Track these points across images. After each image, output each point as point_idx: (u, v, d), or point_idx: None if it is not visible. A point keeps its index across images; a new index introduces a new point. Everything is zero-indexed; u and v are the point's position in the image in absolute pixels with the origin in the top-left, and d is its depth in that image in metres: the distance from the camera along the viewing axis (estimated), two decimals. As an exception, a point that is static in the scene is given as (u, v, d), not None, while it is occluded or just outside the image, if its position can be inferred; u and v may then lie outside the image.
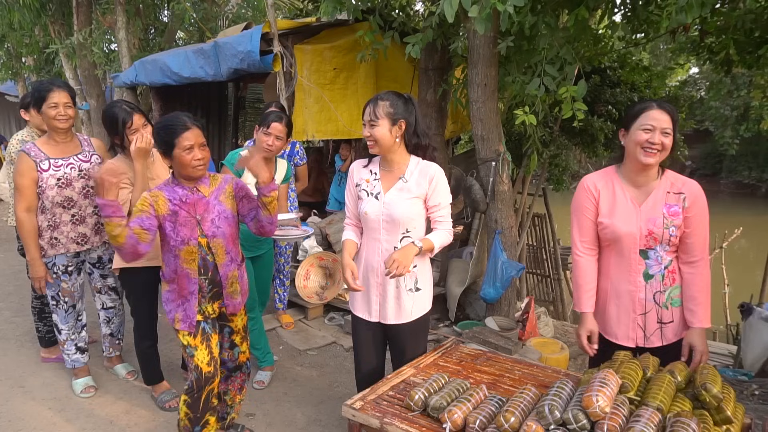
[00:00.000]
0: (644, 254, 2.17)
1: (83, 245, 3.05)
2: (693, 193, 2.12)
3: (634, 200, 2.17)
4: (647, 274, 2.18)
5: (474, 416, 1.73)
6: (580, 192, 2.28)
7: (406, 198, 2.27)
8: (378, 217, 2.30)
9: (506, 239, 4.31)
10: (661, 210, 2.12)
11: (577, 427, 1.53)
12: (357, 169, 2.43)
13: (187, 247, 2.30)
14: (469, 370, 2.25)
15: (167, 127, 2.22)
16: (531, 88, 3.72)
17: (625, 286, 2.22)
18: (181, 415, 2.38)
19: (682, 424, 1.48)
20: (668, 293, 2.19)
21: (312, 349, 4.03)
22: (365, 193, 2.36)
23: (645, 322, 2.22)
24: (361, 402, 1.96)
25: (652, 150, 2.06)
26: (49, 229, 2.93)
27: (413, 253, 2.19)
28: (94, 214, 3.06)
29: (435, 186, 2.27)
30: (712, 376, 1.74)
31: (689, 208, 2.11)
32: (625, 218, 2.16)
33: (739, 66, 4.62)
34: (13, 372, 3.44)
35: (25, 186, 2.83)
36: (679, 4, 2.76)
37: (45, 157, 2.88)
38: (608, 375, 1.65)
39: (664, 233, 2.11)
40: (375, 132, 2.21)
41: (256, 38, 4.32)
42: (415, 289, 2.35)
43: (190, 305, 2.35)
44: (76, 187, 2.96)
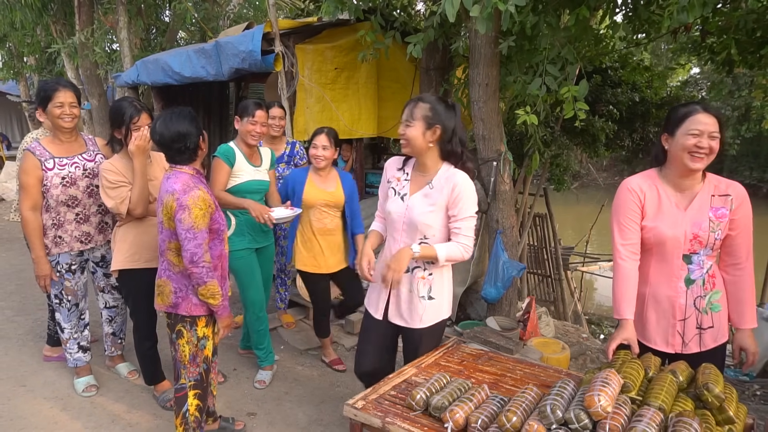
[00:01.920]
0: (688, 259, 2.12)
1: (87, 244, 3.05)
2: (739, 195, 2.10)
3: (679, 204, 2.12)
4: (689, 279, 2.13)
5: (476, 416, 1.73)
6: (624, 194, 2.18)
7: (427, 204, 2.26)
8: (400, 218, 2.32)
9: (507, 239, 4.31)
10: (707, 213, 2.08)
11: (579, 426, 1.53)
12: (391, 167, 2.43)
13: (225, 228, 2.50)
14: (470, 369, 2.25)
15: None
16: (532, 88, 3.72)
17: (665, 291, 2.16)
18: (191, 409, 2.41)
19: (685, 423, 1.48)
20: (708, 298, 2.13)
21: (313, 349, 4.03)
22: (393, 191, 2.37)
23: (684, 328, 2.16)
24: (362, 401, 1.96)
25: (700, 154, 2.01)
26: (54, 227, 2.94)
27: (407, 257, 2.19)
28: (98, 212, 3.07)
29: (457, 195, 2.21)
30: (714, 376, 1.74)
31: (736, 210, 2.08)
32: (670, 222, 2.11)
33: (741, 66, 4.61)
34: (14, 371, 3.44)
35: (31, 185, 2.83)
36: (681, 4, 2.76)
37: (50, 156, 2.88)
38: (610, 375, 1.65)
39: (710, 237, 2.07)
40: (408, 132, 2.21)
41: (257, 38, 4.32)
42: (428, 297, 2.32)
43: (227, 283, 2.55)
44: (80, 186, 2.96)
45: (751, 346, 2.13)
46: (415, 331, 2.37)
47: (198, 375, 2.43)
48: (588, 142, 6.50)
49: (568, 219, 14.97)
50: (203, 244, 2.27)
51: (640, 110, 6.43)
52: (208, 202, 2.31)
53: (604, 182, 20.43)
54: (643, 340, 2.23)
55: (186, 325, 2.41)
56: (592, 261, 10.06)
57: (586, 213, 14.81)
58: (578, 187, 21.69)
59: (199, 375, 2.44)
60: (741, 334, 2.14)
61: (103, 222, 3.10)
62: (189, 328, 2.42)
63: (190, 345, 2.43)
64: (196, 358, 2.43)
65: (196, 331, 2.42)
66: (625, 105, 6.22)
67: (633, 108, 6.36)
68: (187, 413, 2.42)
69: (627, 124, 6.53)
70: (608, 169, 21.93)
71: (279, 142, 4.03)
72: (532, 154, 5.11)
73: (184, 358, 2.43)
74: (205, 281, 2.29)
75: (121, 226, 2.91)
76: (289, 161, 4.04)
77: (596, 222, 9.84)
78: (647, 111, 6.48)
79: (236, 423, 2.90)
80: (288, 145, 4.07)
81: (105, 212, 3.11)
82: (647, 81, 6.53)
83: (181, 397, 2.43)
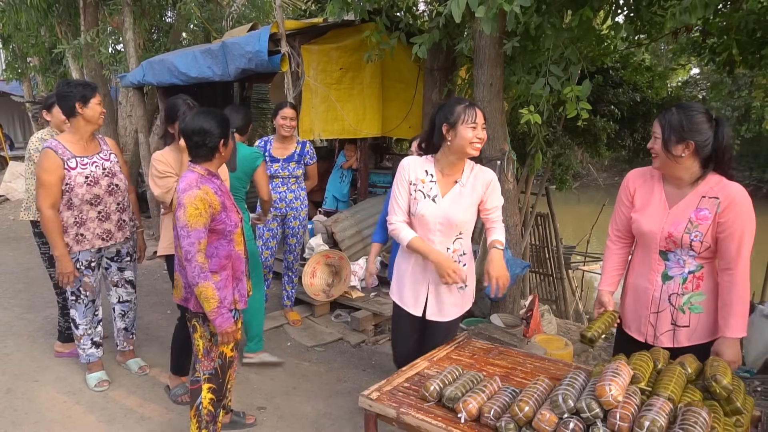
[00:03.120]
0: (664, 255, 2.17)
1: (108, 241, 3.12)
2: (728, 198, 2.03)
3: (669, 200, 2.17)
4: (666, 275, 2.18)
5: (488, 406, 1.78)
6: (622, 184, 2.36)
7: (463, 203, 2.42)
8: (435, 220, 2.41)
9: (511, 237, 4.36)
10: (689, 214, 2.09)
11: (590, 415, 1.58)
12: (412, 167, 2.46)
13: (238, 229, 2.46)
14: (482, 363, 2.30)
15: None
16: (536, 88, 3.77)
17: (643, 282, 2.25)
18: (204, 402, 2.44)
19: (693, 413, 1.53)
20: (687, 297, 2.15)
21: (319, 346, 4.07)
22: (421, 194, 2.43)
23: (656, 321, 2.22)
24: (377, 393, 2.00)
25: (652, 154, 2.17)
26: (76, 225, 2.98)
27: (502, 258, 2.38)
28: (117, 210, 3.14)
29: (491, 191, 2.43)
30: (723, 368, 1.78)
31: (722, 213, 2.03)
32: (652, 217, 2.18)
33: (742, 66, 4.66)
34: (27, 366, 3.49)
35: (52, 183, 2.87)
36: (683, 5, 2.81)
37: (71, 156, 2.94)
38: (620, 366, 1.69)
39: (684, 237, 2.08)
40: (484, 135, 2.34)
41: (264, 39, 4.37)
42: (464, 286, 2.52)
43: (243, 284, 2.53)
44: (102, 185, 3.04)
45: (729, 354, 2.01)
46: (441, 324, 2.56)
47: (212, 369, 2.47)
48: (590, 141, 6.56)
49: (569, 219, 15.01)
50: (196, 243, 2.25)
51: (642, 110, 6.49)
52: (207, 202, 2.28)
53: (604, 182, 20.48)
54: (624, 326, 2.36)
55: (199, 320, 2.45)
56: (593, 260, 10.11)
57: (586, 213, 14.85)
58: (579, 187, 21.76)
59: (214, 369, 2.47)
60: (722, 341, 2.06)
61: (121, 220, 3.17)
62: (202, 323, 2.45)
63: (204, 340, 2.47)
64: (210, 353, 2.46)
65: (209, 326, 2.45)
66: (626, 105, 6.28)
67: (634, 108, 6.42)
68: (200, 406, 2.46)
69: (628, 124, 6.59)
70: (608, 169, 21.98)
71: (290, 142, 4.08)
72: (534, 153, 5.16)
73: (199, 352, 2.47)
74: (197, 281, 2.26)
75: (166, 215, 3.00)
76: (299, 160, 4.09)
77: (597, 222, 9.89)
78: (648, 111, 6.54)
79: (247, 417, 2.95)
80: (298, 145, 4.12)
81: (123, 210, 3.17)
82: (648, 81, 6.59)
83: (196, 390, 2.47)
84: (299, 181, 4.16)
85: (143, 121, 7.08)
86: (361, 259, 5.10)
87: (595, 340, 2.15)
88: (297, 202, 4.14)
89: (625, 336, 2.36)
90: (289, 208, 4.13)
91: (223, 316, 2.32)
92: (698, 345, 2.17)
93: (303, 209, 4.20)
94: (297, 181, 4.14)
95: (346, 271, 4.66)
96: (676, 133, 2.06)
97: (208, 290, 2.27)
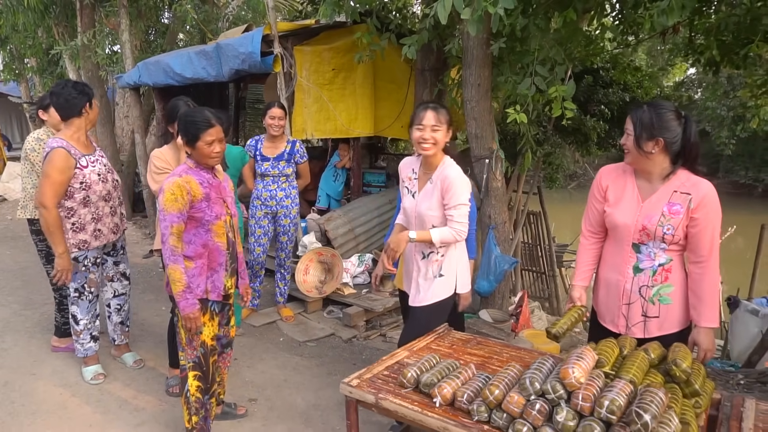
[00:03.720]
0: (636, 248, 2.26)
1: (117, 234, 3.29)
2: (700, 194, 2.13)
3: (641, 194, 2.26)
4: (637, 267, 2.27)
5: (462, 391, 1.86)
6: (593, 183, 2.45)
7: (429, 199, 2.57)
8: (412, 214, 2.65)
9: (499, 234, 4.45)
10: (662, 208, 2.19)
11: (555, 396, 1.67)
12: (404, 167, 2.73)
13: (219, 221, 2.53)
14: (460, 352, 2.38)
15: (194, 123, 2.44)
16: (522, 88, 3.86)
17: (615, 274, 2.34)
18: (192, 390, 2.53)
19: (651, 393, 1.61)
20: (657, 289, 2.25)
21: (311, 341, 4.16)
22: (406, 190, 2.69)
23: (628, 312, 2.32)
24: (357, 380, 2.09)
25: (624, 150, 2.25)
26: (93, 221, 3.10)
27: (405, 241, 2.50)
28: (119, 205, 3.31)
29: (449, 186, 2.50)
30: (683, 353, 1.87)
31: (695, 209, 2.12)
32: (625, 210, 2.26)
33: (727, 66, 4.75)
34: (24, 361, 3.57)
35: (63, 182, 2.95)
36: (660, 7, 2.90)
37: (81, 155, 3.04)
38: (585, 351, 1.78)
39: (657, 230, 2.18)
40: (437, 136, 2.49)
41: (257, 40, 4.46)
42: (438, 275, 2.63)
43: (219, 276, 2.58)
44: (109, 181, 3.17)
45: (703, 342, 2.16)
46: (423, 307, 2.65)
47: (196, 357, 2.54)
48: (580, 141, 6.65)
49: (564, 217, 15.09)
50: (170, 226, 2.37)
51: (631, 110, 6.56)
52: (185, 189, 2.38)
53: (601, 182, 20.51)
54: (598, 317, 2.45)
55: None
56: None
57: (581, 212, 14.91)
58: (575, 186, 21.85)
59: (197, 357, 2.54)
60: (697, 330, 2.19)
61: (122, 213, 3.35)
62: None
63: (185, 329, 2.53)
64: (192, 342, 2.53)
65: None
66: (616, 105, 6.36)
67: (624, 108, 6.50)
68: (188, 393, 2.55)
69: (618, 124, 6.67)
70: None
71: (279, 141, 4.17)
72: (525, 152, 5.25)
73: (182, 341, 2.54)
74: (167, 263, 2.39)
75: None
76: (289, 159, 4.18)
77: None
78: (638, 111, 6.61)
79: (238, 408, 3.03)
80: (288, 144, 4.21)
81: (121, 204, 3.34)
82: (638, 81, 6.68)
83: (184, 378, 2.56)
84: (290, 179, 4.25)
85: (140, 122, 7.17)
86: (353, 256, 5.19)
87: (559, 336, 2.23)
88: (287, 201, 4.23)
89: (600, 327, 2.45)
90: (279, 206, 4.22)
91: (187, 300, 2.42)
92: (668, 335, 2.25)
93: (294, 207, 4.29)
94: (288, 180, 4.23)
95: (339, 268, 4.74)
96: (646, 130, 2.15)
97: (176, 273, 2.39)
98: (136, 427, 2.90)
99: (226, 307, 2.72)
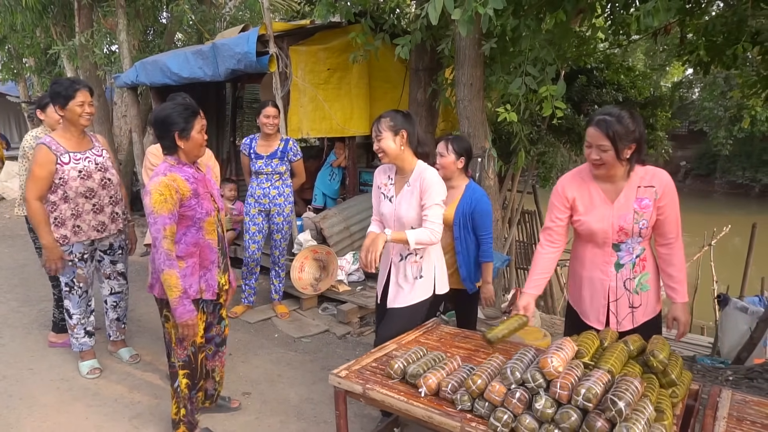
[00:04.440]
0: (616, 247, 2.35)
1: (102, 232, 3.26)
2: (662, 184, 2.25)
3: (608, 197, 2.32)
4: (618, 264, 2.36)
5: (447, 381, 1.92)
6: (554, 193, 2.45)
7: (408, 202, 2.60)
8: (391, 217, 2.68)
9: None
10: (632, 206, 2.27)
11: (534, 385, 1.72)
12: (379, 174, 2.77)
13: (210, 218, 2.49)
14: (447, 346, 2.44)
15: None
16: (513, 88, 3.91)
17: (597, 275, 2.41)
18: (182, 387, 2.57)
19: (627, 381, 1.67)
20: (638, 279, 2.36)
21: (306, 337, 4.21)
22: (383, 195, 2.73)
23: (617, 308, 2.40)
24: (346, 371, 2.15)
25: (595, 164, 2.26)
26: (73, 217, 3.13)
27: (382, 241, 2.47)
28: (110, 203, 3.28)
29: (426, 188, 2.53)
30: (661, 345, 1.93)
31: (661, 198, 2.24)
32: (599, 216, 2.33)
33: (718, 66, 4.81)
34: (22, 356, 3.63)
35: (43, 177, 3.01)
36: (646, 8, 2.96)
37: (65, 151, 3.08)
38: (565, 342, 1.84)
39: (634, 228, 2.27)
40: (381, 144, 2.53)
41: (252, 40, 4.51)
42: (419, 277, 2.65)
43: (212, 274, 2.56)
44: (95, 179, 3.18)
45: (682, 317, 2.30)
46: (403, 308, 2.66)
47: (186, 357, 2.56)
48: (574, 140, 6.71)
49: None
50: (162, 229, 2.28)
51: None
52: (173, 188, 2.31)
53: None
54: (582, 316, 2.50)
55: (169, 310, 2.46)
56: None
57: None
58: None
59: (187, 357, 2.56)
60: (675, 307, 2.32)
61: (114, 212, 3.31)
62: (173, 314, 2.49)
63: (175, 329, 2.49)
64: (182, 342, 2.53)
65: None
66: (609, 105, 6.42)
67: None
68: (178, 389, 2.59)
69: (612, 124, 6.73)
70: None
71: (273, 139, 4.23)
72: (518, 151, 5.31)
73: (171, 341, 2.54)
74: (162, 268, 2.29)
75: None
76: (282, 157, 4.23)
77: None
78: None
79: (232, 402, 3.08)
80: (281, 142, 4.26)
81: (115, 203, 3.31)
82: (631, 81, 6.75)
83: (173, 374, 2.60)
84: (284, 177, 4.30)
85: (137, 121, 7.21)
86: (348, 254, 5.24)
87: (494, 342, 2.27)
88: (281, 199, 4.28)
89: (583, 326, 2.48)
90: (272, 204, 4.27)
91: (184, 306, 2.37)
92: (650, 320, 2.38)
93: (287, 205, 4.34)
94: (281, 178, 4.28)
95: (334, 265, 4.80)
96: (623, 141, 2.19)
97: (172, 278, 2.33)
98: (131, 419, 2.95)
99: (218, 305, 2.76)
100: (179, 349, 2.55)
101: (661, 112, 6.91)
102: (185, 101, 2.53)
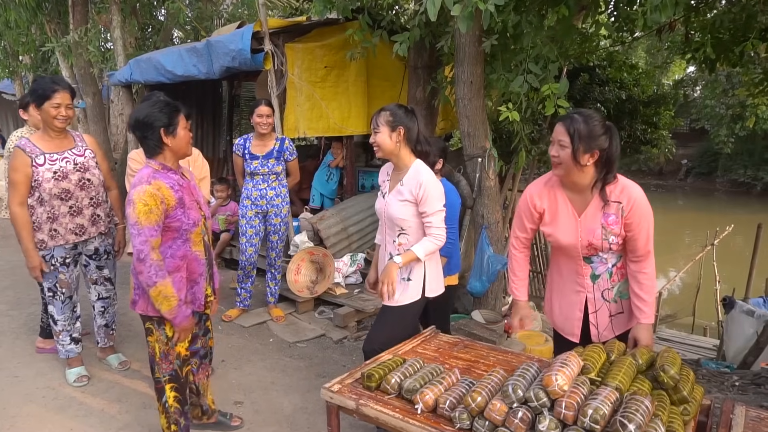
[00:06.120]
0: (588, 260, 2.27)
1: (81, 236, 3.13)
2: (630, 200, 2.14)
3: (575, 209, 2.23)
4: (594, 275, 2.29)
5: (445, 397, 1.82)
6: (523, 201, 2.37)
7: (399, 200, 2.53)
8: (382, 214, 2.65)
9: (492, 234, 4.40)
10: (599, 221, 2.18)
11: (538, 404, 1.62)
12: (382, 172, 2.74)
13: (197, 228, 2.37)
14: (445, 356, 2.33)
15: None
16: (514, 86, 3.81)
17: (572, 286, 2.34)
18: (170, 401, 2.45)
19: (636, 401, 1.57)
20: (617, 288, 2.29)
21: (301, 342, 4.11)
22: (380, 193, 2.69)
23: (597, 320, 2.32)
24: (338, 385, 2.04)
25: (553, 162, 2.17)
26: (49, 221, 3.02)
27: (395, 270, 2.45)
28: (90, 205, 3.15)
29: (423, 193, 2.44)
30: (672, 359, 1.82)
31: (628, 215, 2.14)
32: (566, 229, 2.24)
33: (724, 64, 4.70)
34: (8, 362, 3.52)
35: (19, 181, 2.91)
36: (653, 4, 2.85)
37: (40, 152, 2.96)
38: (570, 357, 1.73)
39: (603, 243, 2.18)
40: (377, 138, 2.49)
41: (247, 37, 4.40)
42: (407, 279, 2.59)
43: (200, 287, 2.45)
44: (72, 180, 3.05)
45: (644, 339, 2.16)
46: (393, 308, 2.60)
47: (172, 371, 2.44)
48: (576, 139, 6.58)
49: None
50: (149, 241, 2.16)
51: (628, 108, 6.52)
52: (158, 197, 2.18)
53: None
54: (556, 328, 2.44)
55: (154, 323, 2.38)
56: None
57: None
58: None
59: (173, 371, 2.45)
60: (638, 327, 2.19)
61: (95, 214, 3.18)
62: (157, 327, 2.38)
63: (160, 343, 2.40)
64: (168, 356, 2.42)
65: (165, 330, 2.38)
66: (612, 103, 6.32)
67: (620, 106, 6.46)
68: (166, 404, 2.47)
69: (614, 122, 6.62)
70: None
71: (268, 139, 4.12)
72: (519, 151, 5.20)
73: (156, 355, 2.42)
74: (154, 281, 2.17)
75: None
76: (278, 156, 4.12)
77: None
78: (635, 109, 6.58)
79: (233, 420, 2.91)
80: (277, 141, 4.15)
81: (96, 205, 3.18)
82: (634, 79, 6.63)
83: (160, 389, 2.47)
84: (280, 178, 4.19)
85: (132, 120, 7.09)
86: (345, 256, 5.14)
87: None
88: (278, 200, 4.17)
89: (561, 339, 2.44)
90: (269, 205, 4.16)
91: (183, 313, 2.30)
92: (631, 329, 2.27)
93: (284, 206, 4.23)
94: (277, 178, 4.17)
95: (330, 268, 4.69)
96: (584, 143, 2.08)
97: (167, 288, 2.22)
98: (118, 431, 2.84)
99: (204, 317, 2.64)
100: (164, 364, 2.43)
101: (665, 110, 6.79)
102: (164, 99, 2.41)
